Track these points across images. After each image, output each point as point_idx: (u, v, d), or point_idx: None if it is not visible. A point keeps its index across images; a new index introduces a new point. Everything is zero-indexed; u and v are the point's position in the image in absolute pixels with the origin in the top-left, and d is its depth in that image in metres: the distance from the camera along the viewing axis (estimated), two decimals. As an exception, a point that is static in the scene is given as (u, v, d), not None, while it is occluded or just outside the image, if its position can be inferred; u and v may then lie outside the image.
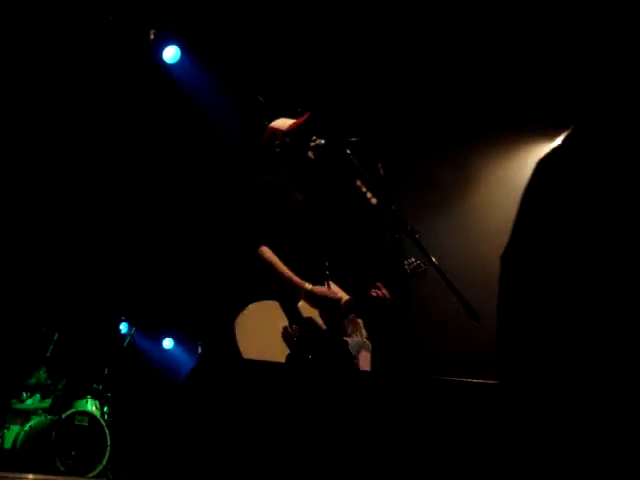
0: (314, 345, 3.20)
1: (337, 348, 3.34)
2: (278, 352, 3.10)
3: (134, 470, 5.87)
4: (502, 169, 5.68)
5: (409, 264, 3.47)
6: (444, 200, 5.68)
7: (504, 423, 2.36)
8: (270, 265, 3.27)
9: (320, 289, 3.35)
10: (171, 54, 6.40)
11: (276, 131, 3.70)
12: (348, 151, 3.31)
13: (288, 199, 3.52)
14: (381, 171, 3.21)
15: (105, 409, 6.24)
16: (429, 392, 2.29)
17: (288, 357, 3.09)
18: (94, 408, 6.07)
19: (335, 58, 5.89)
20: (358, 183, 3.23)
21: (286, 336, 3.15)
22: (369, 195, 3.20)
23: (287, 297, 3.27)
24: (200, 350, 6.57)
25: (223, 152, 6.75)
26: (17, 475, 4.48)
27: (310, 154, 3.60)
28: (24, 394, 6.15)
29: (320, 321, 3.29)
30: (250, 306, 3.19)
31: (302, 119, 3.66)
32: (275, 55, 6.09)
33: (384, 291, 3.42)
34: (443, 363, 4.29)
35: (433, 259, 3.04)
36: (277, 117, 3.82)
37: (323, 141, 3.52)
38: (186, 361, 7.70)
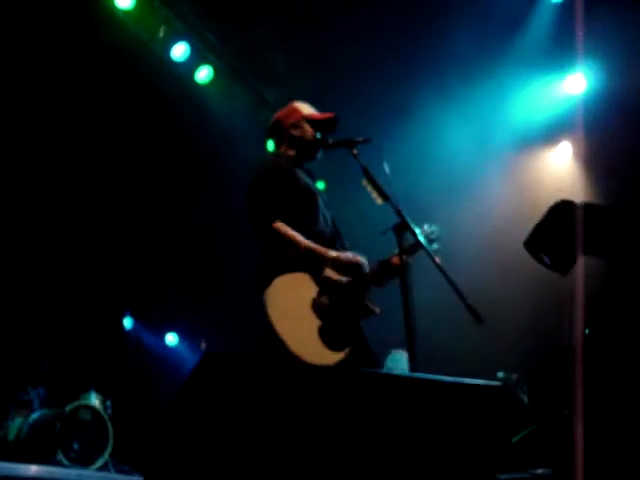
0: (346, 313, 3.21)
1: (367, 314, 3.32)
2: (309, 323, 3.10)
3: (136, 463, 5.90)
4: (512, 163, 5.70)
5: (424, 232, 3.43)
6: (453, 194, 5.69)
7: (503, 425, 2.37)
8: (289, 239, 3.25)
9: (345, 255, 3.30)
10: (180, 52, 6.43)
11: (297, 111, 3.72)
12: (355, 151, 3.33)
13: (296, 179, 3.53)
14: (387, 171, 3.23)
15: (108, 403, 6.27)
16: (428, 393, 2.30)
17: (320, 330, 3.10)
18: (97, 402, 6.10)
19: (342, 56, 5.92)
20: (364, 182, 3.24)
21: (316, 307, 3.15)
22: (374, 195, 3.22)
23: (312, 268, 3.24)
24: (204, 346, 6.59)
25: (226, 143, 6.79)
26: (21, 466, 4.51)
27: (318, 148, 3.63)
28: (28, 387, 6.19)
29: (350, 281, 3.26)
30: (276, 280, 3.17)
31: (325, 115, 3.67)
32: (282, 53, 6.12)
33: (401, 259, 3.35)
34: (446, 364, 4.30)
35: (436, 260, 3.05)
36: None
37: (330, 141, 3.54)
38: (190, 357, 7.73)
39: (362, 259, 3.31)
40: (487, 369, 4.50)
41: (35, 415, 5.96)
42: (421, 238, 3.17)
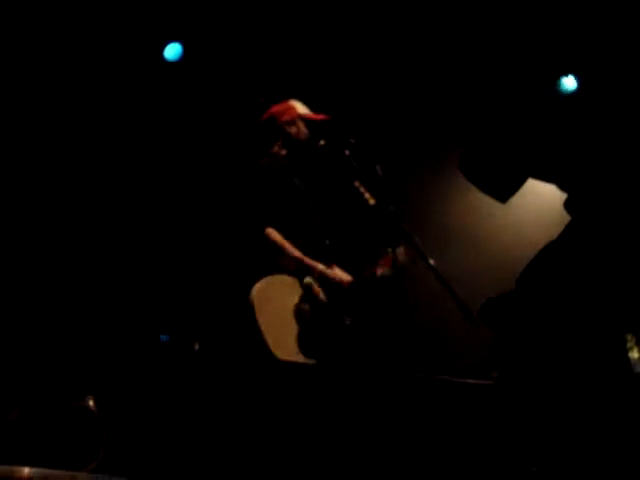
0: (322, 326, 3.25)
1: (340, 329, 3.38)
2: (290, 327, 3.14)
3: (130, 465, 5.89)
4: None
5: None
6: (443, 207, 5.68)
7: (499, 423, 2.38)
8: (279, 247, 3.30)
9: (331, 272, 3.40)
10: (173, 51, 6.39)
11: (292, 109, 3.71)
12: (347, 152, 3.34)
13: (287, 182, 3.55)
14: (380, 172, 3.24)
15: (101, 405, 6.25)
16: (422, 391, 2.32)
17: (299, 336, 3.13)
18: (91, 403, 6.09)
19: (334, 59, 5.90)
20: (356, 184, 3.25)
21: (297, 313, 3.20)
22: (367, 196, 3.23)
23: (297, 274, 3.29)
24: (197, 347, 6.58)
25: (221, 142, 6.74)
26: (13, 468, 4.49)
27: (311, 148, 3.63)
28: (22, 387, 6.17)
29: (326, 299, 3.33)
30: (267, 277, 3.22)
31: (320, 116, 3.69)
32: (276, 55, 6.09)
33: (387, 268, 3.42)
34: (439, 363, 4.30)
35: (431, 261, 3.06)
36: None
37: (323, 142, 3.54)
38: (182, 357, 7.69)
39: (342, 277, 3.39)
40: (481, 368, 4.50)
41: (28, 416, 5.94)
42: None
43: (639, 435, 2.90)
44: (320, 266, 3.37)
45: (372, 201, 3.24)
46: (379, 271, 3.45)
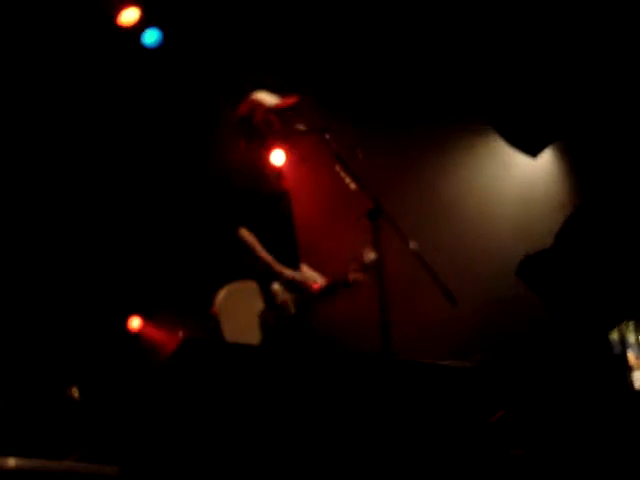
0: (286, 334, 3.25)
1: (306, 335, 3.38)
2: (254, 334, 3.14)
3: (114, 455, 5.89)
4: (469, 165, 5.70)
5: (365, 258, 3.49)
6: (415, 194, 5.68)
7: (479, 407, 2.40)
8: (249, 248, 3.29)
9: (298, 277, 3.40)
10: (153, 37, 6.31)
11: (260, 104, 3.65)
12: (327, 136, 3.32)
13: (264, 182, 3.53)
14: (360, 156, 3.23)
15: (85, 393, 6.25)
16: (400, 374, 2.33)
17: (261, 342, 3.13)
18: (76, 393, 6.09)
19: (317, 42, 5.86)
20: (337, 168, 3.25)
21: (262, 320, 3.19)
22: (348, 180, 3.22)
23: (264, 279, 3.30)
24: (181, 334, 6.57)
25: (202, 133, 6.68)
26: (-2, 459, 4.48)
27: (291, 137, 3.61)
28: (9, 377, 6.15)
29: (293, 306, 3.33)
30: (230, 285, 3.22)
31: (290, 100, 3.62)
32: (260, 39, 6.04)
33: (361, 274, 3.47)
34: (417, 346, 4.33)
35: (412, 244, 3.07)
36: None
37: (302, 126, 3.50)
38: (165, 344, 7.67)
39: (309, 282, 3.39)
40: (463, 351, 4.53)
41: (14, 407, 5.93)
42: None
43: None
44: (288, 272, 3.36)
45: (353, 185, 3.23)
46: (352, 275, 3.47)
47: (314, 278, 3.59)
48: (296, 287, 3.36)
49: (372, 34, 5.47)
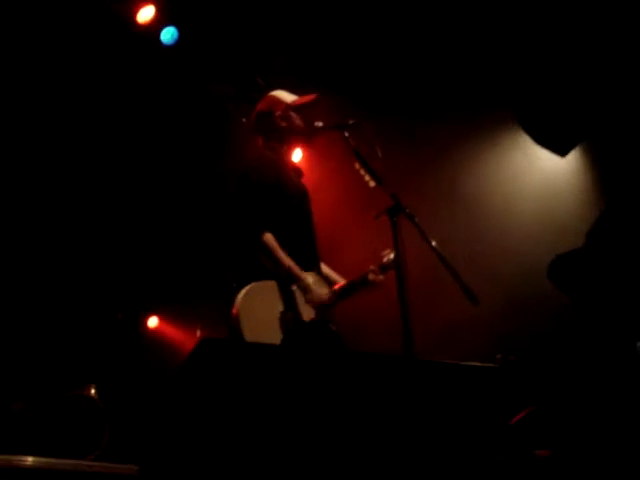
0: (305, 335, 3.21)
1: (326, 338, 3.35)
2: (274, 335, 3.11)
3: (132, 454, 5.90)
4: (490, 160, 5.63)
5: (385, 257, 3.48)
6: (435, 191, 5.62)
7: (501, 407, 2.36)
8: (273, 254, 3.26)
9: (318, 284, 3.35)
10: (169, 35, 6.32)
11: (279, 101, 3.63)
12: (346, 134, 3.29)
13: (285, 180, 3.49)
14: (379, 153, 3.19)
15: (103, 393, 6.26)
16: (421, 375, 2.29)
17: (282, 343, 3.10)
18: (93, 392, 6.10)
19: (332, 41, 5.83)
20: (356, 166, 3.21)
21: (282, 321, 3.16)
22: (367, 178, 3.19)
23: (284, 281, 3.27)
24: (199, 333, 6.58)
25: (219, 134, 6.68)
26: (16, 457, 4.49)
27: (310, 134, 3.58)
28: (25, 378, 6.18)
29: (311, 310, 3.29)
30: (252, 284, 3.19)
31: (308, 98, 3.61)
32: (274, 37, 6.02)
33: (379, 274, 3.43)
34: (439, 346, 4.29)
35: (433, 243, 3.03)
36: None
37: (321, 124, 3.47)
38: (183, 344, 7.70)
39: (323, 297, 3.34)
40: (485, 351, 4.50)
41: (31, 406, 5.95)
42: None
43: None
44: (309, 279, 3.32)
45: (372, 183, 3.20)
46: (370, 276, 3.44)
47: (333, 279, 3.56)
48: (312, 298, 3.31)
49: (393, 26, 5.43)
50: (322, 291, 3.34)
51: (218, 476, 2.18)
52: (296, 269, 3.29)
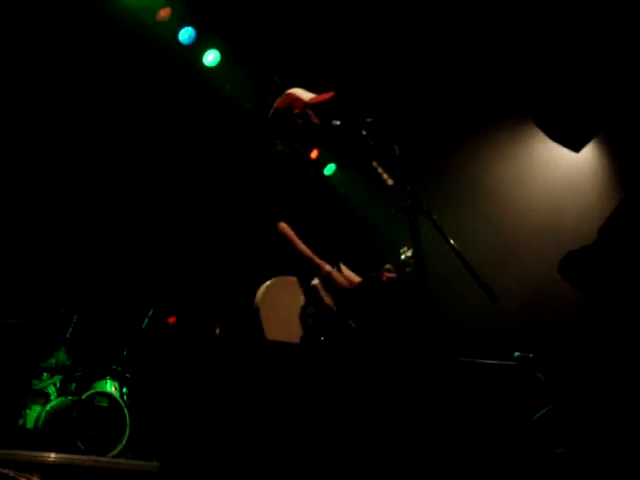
0: (327, 331, 3.20)
1: (345, 333, 3.33)
2: (294, 331, 3.10)
3: (153, 449, 5.93)
4: (510, 157, 5.60)
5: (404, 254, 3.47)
6: (454, 189, 5.60)
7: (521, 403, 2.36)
8: (289, 242, 3.23)
9: (338, 276, 3.31)
10: (186, 35, 6.37)
11: (297, 99, 3.64)
12: (364, 132, 3.28)
13: (304, 175, 3.49)
14: (397, 152, 3.19)
15: (124, 390, 6.30)
16: (442, 372, 2.30)
17: (302, 339, 3.09)
18: (113, 389, 6.14)
19: (351, 40, 5.84)
20: (374, 164, 3.21)
21: (303, 316, 3.14)
22: (385, 176, 3.19)
23: (304, 274, 3.25)
24: (218, 331, 6.60)
25: (238, 130, 6.73)
26: (39, 454, 4.54)
27: (328, 132, 3.57)
28: (44, 375, 6.23)
29: (332, 303, 3.27)
30: (272, 280, 3.17)
31: (326, 96, 3.61)
32: (291, 36, 6.05)
33: (395, 273, 3.43)
34: (459, 343, 4.28)
35: (451, 241, 3.02)
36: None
37: (339, 122, 3.47)
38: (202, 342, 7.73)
39: (348, 282, 3.32)
40: (503, 349, 4.48)
41: (52, 403, 6.01)
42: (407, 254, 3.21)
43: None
44: (327, 267, 3.26)
45: (390, 181, 3.19)
46: (386, 275, 3.43)
47: (350, 277, 3.55)
48: (335, 288, 3.28)
49: (408, 24, 5.44)
50: (343, 282, 3.33)
51: (236, 473, 2.20)
52: (317, 258, 3.26)
